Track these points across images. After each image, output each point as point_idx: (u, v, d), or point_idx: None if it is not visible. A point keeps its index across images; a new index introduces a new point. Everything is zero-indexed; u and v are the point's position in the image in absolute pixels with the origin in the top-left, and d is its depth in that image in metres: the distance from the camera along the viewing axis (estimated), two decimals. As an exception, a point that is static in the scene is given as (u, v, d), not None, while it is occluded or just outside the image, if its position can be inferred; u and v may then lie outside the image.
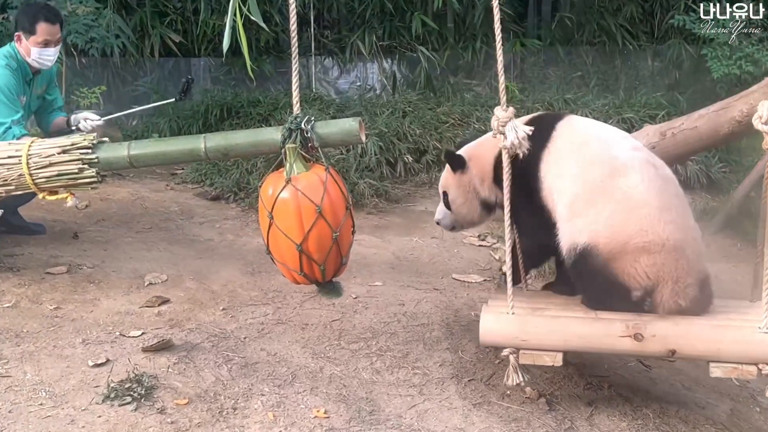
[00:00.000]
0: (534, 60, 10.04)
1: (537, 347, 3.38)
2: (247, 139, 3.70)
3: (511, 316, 3.40)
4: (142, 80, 9.50)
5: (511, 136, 3.37)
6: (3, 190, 3.97)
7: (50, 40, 4.79)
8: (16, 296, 4.18)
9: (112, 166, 3.90)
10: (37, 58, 4.81)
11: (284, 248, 3.44)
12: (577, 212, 3.50)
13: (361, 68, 10.11)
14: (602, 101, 8.77)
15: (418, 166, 7.64)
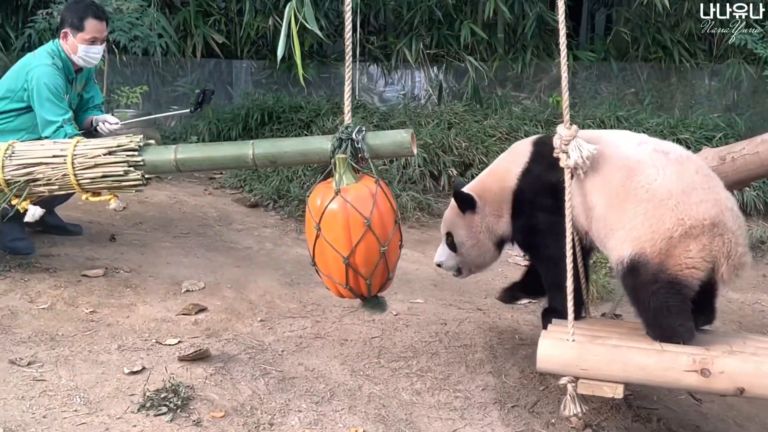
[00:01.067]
0: (586, 75, 9.98)
1: (597, 377, 3.30)
2: (296, 148, 3.72)
3: (570, 344, 3.33)
4: (182, 80, 9.59)
5: (574, 155, 3.34)
6: (46, 189, 4.03)
7: (98, 37, 4.85)
8: (52, 298, 4.23)
9: (157, 170, 3.94)
10: (84, 56, 4.86)
11: (330, 260, 3.45)
12: (612, 225, 3.51)
13: (407, 76, 10.11)
14: (656, 120, 8.69)
15: (462, 179, 7.61)
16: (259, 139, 5.13)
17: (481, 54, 9.92)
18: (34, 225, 4.88)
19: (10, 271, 4.48)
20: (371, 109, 8.79)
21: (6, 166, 4.03)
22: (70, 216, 5.44)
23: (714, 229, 3.39)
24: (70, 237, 5.18)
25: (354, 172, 3.53)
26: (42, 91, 4.68)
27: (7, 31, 8.88)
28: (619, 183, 3.49)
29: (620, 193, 3.48)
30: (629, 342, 3.41)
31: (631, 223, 3.43)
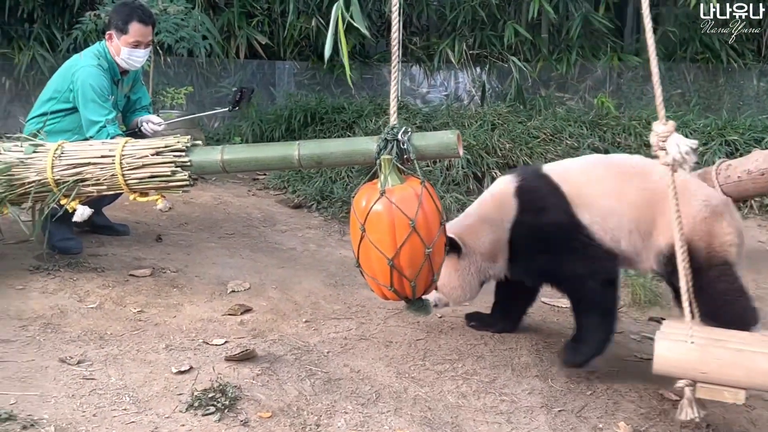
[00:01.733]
0: (631, 75, 9.89)
1: (717, 381, 3.19)
2: (342, 148, 3.74)
3: (690, 345, 3.21)
4: (225, 81, 9.67)
5: (673, 152, 3.28)
6: (95, 189, 4.09)
7: (141, 41, 4.91)
8: (101, 297, 4.29)
9: (204, 170, 3.98)
10: (126, 59, 4.92)
11: (375, 262, 3.46)
12: (649, 230, 3.67)
13: (450, 77, 10.10)
14: (704, 121, 8.59)
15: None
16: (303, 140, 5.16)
17: (525, 54, 9.88)
18: (82, 225, 4.97)
19: (59, 270, 4.55)
20: (414, 111, 8.79)
21: (55, 165, 4.10)
22: (117, 216, 5.52)
23: (729, 206, 3.73)
24: (117, 237, 5.26)
25: (399, 173, 3.54)
26: (87, 92, 4.75)
27: (54, 33, 9.03)
28: (640, 188, 3.69)
29: (647, 198, 3.64)
30: (752, 346, 3.26)
31: (666, 220, 3.54)
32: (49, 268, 4.57)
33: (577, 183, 3.92)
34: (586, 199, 3.85)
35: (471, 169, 7.46)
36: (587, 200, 3.85)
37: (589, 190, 3.88)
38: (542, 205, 3.90)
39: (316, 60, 9.87)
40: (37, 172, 4.12)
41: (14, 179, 4.15)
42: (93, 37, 7.79)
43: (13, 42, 9.11)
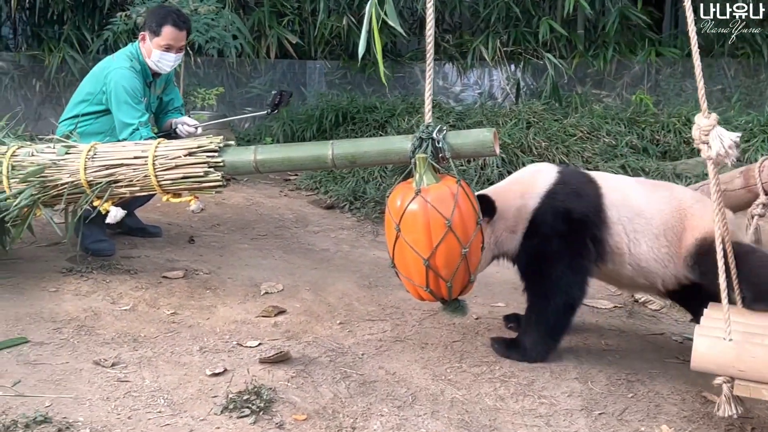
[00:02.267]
0: (670, 71, 9.82)
1: (755, 379, 3.20)
2: (376, 148, 3.75)
3: (728, 343, 3.23)
4: (256, 82, 9.72)
5: (716, 146, 3.25)
6: (127, 190, 4.13)
7: (173, 45, 4.94)
8: (134, 299, 4.33)
9: (237, 171, 4.01)
10: (157, 61, 4.96)
11: (410, 262, 3.46)
12: (677, 236, 3.82)
13: (483, 75, 10.08)
14: (745, 118, 8.51)
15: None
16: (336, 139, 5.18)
17: (561, 51, 9.86)
18: (114, 227, 5.02)
19: (92, 272, 4.60)
20: (447, 109, 8.79)
21: (88, 167, 4.14)
22: (149, 218, 5.57)
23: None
24: (150, 239, 5.31)
25: (434, 172, 3.54)
26: (119, 94, 4.79)
27: (84, 34, 9.13)
28: (667, 196, 3.82)
29: (673, 205, 3.79)
30: None
31: (695, 220, 3.72)
32: (82, 270, 4.63)
33: (612, 185, 3.96)
34: (618, 199, 3.88)
35: (506, 168, 7.43)
36: (619, 200, 3.88)
37: (621, 193, 3.91)
38: (577, 187, 3.91)
39: (347, 59, 9.90)
40: (70, 174, 4.17)
41: (47, 181, 4.20)
42: (124, 38, 7.88)
43: (43, 44, 9.23)
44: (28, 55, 9.32)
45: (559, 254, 3.85)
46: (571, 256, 3.85)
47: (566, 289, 3.87)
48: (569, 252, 3.85)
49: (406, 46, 10.34)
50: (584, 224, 3.86)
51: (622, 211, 3.87)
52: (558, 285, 3.87)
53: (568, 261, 3.85)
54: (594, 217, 3.86)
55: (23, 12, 9.62)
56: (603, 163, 7.57)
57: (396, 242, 3.48)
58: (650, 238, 3.85)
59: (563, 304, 3.90)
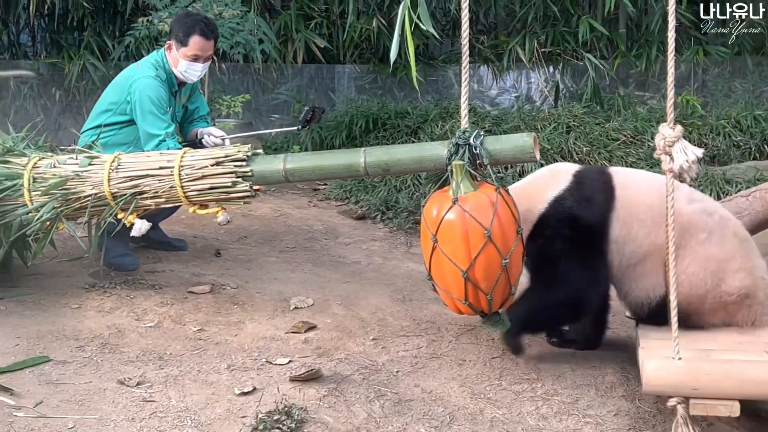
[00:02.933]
0: (718, 71, 9.72)
1: (710, 396, 3.29)
2: (410, 154, 3.76)
3: (678, 362, 3.32)
4: (282, 87, 9.77)
5: (679, 159, 3.28)
6: (153, 202, 4.17)
7: (201, 55, 4.96)
8: (159, 316, 4.36)
9: (266, 180, 4.03)
10: (183, 71, 4.98)
11: (448, 274, 3.47)
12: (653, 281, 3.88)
13: (520, 77, 10.06)
14: (799, 120, 8.42)
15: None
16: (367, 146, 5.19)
17: (602, 51, 9.79)
18: (138, 240, 5.06)
19: (115, 288, 4.64)
20: (482, 114, 8.76)
21: (112, 178, 4.18)
22: (174, 230, 5.60)
23: (745, 300, 3.79)
24: (175, 252, 5.33)
25: (472, 179, 3.54)
26: (145, 104, 4.82)
27: (105, 41, 9.22)
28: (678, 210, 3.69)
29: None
30: (740, 355, 3.44)
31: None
32: (106, 285, 4.66)
33: (632, 190, 3.97)
34: (630, 209, 3.91)
35: (546, 175, 7.39)
36: (630, 210, 3.91)
37: (638, 199, 3.93)
38: (589, 194, 3.93)
39: (377, 63, 9.91)
40: (93, 186, 4.21)
41: (70, 193, 4.24)
42: (145, 44, 7.94)
43: (63, 51, 9.31)
44: (48, 62, 9.40)
45: (567, 253, 3.90)
46: (580, 255, 3.89)
47: (574, 284, 3.90)
48: (577, 251, 3.89)
49: (439, 48, 10.33)
50: (591, 232, 3.91)
51: (621, 224, 3.91)
52: (565, 279, 3.92)
53: (576, 259, 3.89)
54: (600, 228, 3.91)
55: (42, 18, 9.72)
56: (648, 168, 7.50)
57: (433, 254, 3.48)
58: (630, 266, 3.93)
59: (566, 297, 3.93)
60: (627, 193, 3.93)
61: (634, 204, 3.90)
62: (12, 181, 4.30)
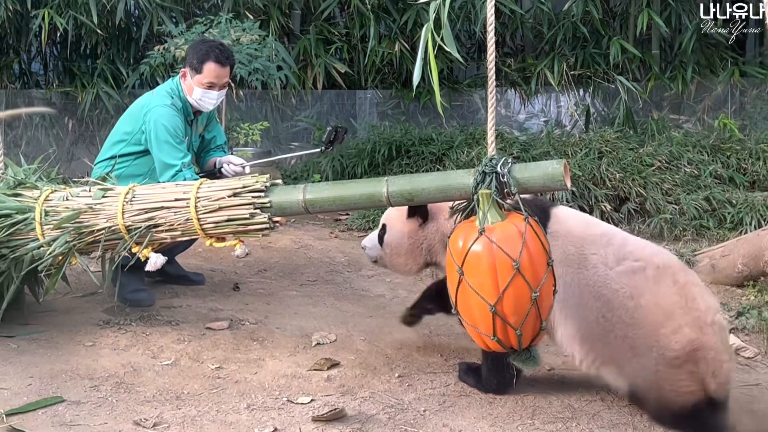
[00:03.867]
0: (756, 92, 9.69)
1: None
2: (435, 183, 3.76)
3: None
4: (302, 114, 9.82)
5: None
6: (168, 235, 4.18)
7: (216, 83, 4.98)
8: (176, 353, 4.37)
9: (285, 212, 4.04)
10: (198, 99, 5.01)
11: (475, 308, 3.45)
12: (596, 353, 3.83)
13: (549, 101, 10.07)
14: None
15: (617, 215, 7.48)
16: (390, 175, 5.20)
17: (634, 73, 9.80)
18: (153, 275, 5.09)
19: (131, 324, 4.66)
20: (510, 139, 8.77)
21: (126, 211, 4.20)
22: (191, 264, 5.63)
23: (697, 354, 3.63)
24: (191, 287, 5.36)
25: (500, 208, 3.53)
26: (160, 134, 4.86)
27: (119, 68, 9.30)
28: (598, 314, 3.76)
29: (600, 324, 3.74)
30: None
31: (619, 357, 3.71)
32: (120, 322, 4.69)
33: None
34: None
35: (577, 203, 7.39)
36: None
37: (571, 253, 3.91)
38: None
39: (399, 87, 9.96)
40: (107, 219, 4.24)
41: (83, 227, 4.27)
42: (161, 71, 8.02)
43: (75, 79, 9.40)
44: (60, 91, 9.49)
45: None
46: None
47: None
48: None
49: (463, 72, 10.37)
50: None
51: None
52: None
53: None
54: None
55: (54, 46, 9.84)
56: (685, 195, 7.49)
57: (459, 287, 3.47)
58: (571, 336, 3.88)
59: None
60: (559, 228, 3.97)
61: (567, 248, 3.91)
62: (23, 214, 4.34)
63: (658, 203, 7.45)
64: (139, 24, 9.31)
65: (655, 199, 7.45)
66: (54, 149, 8.51)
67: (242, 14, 8.98)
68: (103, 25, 8.99)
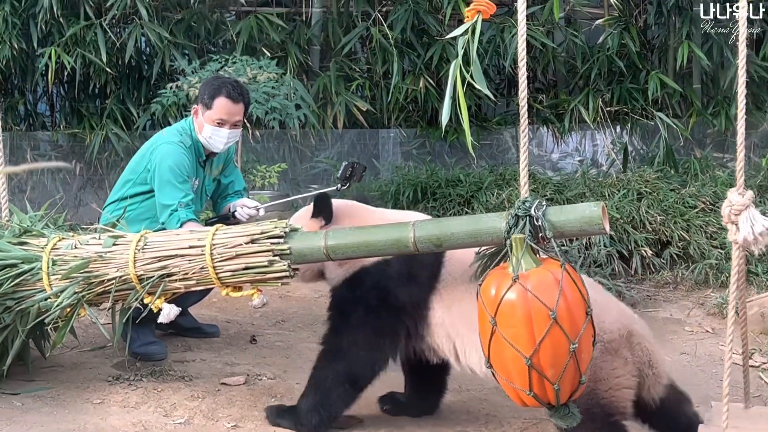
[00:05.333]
0: (808, 126, 9.68)
1: None
2: (465, 228, 3.77)
3: None
4: (322, 155, 9.84)
5: (744, 229, 3.25)
6: (182, 285, 4.19)
7: (226, 120, 5.00)
8: (189, 411, 4.37)
9: (306, 259, 4.04)
10: (208, 137, 5.03)
11: (509, 361, 3.44)
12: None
13: (584, 139, 10.06)
14: None
15: (659, 261, 7.45)
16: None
17: (674, 109, 9.78)
18: (165, 327, 5.10)
19: (141, 380, 4.67)
20: (543, 180, 8.75)
21: (138, 259, 4.22)
22: (205, 315, 5.64)
23: (631, 338, 3.77)
24: (206, 339, 5.37)
25: (534, 254, 3.53)
26: (163, 173, 4.89)
27: (129, 108, 9.35)
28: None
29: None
30: None
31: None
32: (131, 378, 4.70)
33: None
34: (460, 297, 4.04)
35: (615, 248, 7.36)
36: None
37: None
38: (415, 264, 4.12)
39: (425, 126, 9.98)
40: (117, 268, 4.25)
41: (92, 276, 4.29)
42: (173, 112, 8.06)
43: (83, 121, 9.42)
44: (67, 133, 9.50)
45: (362, 321, 4.12)
46: (374, 329, 4.11)
47: (354, 360, 4.12)
48: (373, 324, 4.11)
49: (493, 109, 10.39)
50: (400, 307, 4.10)
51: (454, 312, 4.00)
52: (347, 352, 4.13)
53: (367, 332, 4.12)
54: (412, 307, 4.09)
55: (61, 86, 9.89)
56: (733, 239, 7.44)
57: (491, 338, 3.46)
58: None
59: (345, 373, 4.12)
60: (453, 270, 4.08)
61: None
62: (30, 264, 4.36)
63: (703, 248, 7.40)
64: (150, 62, 9.36)
65: (699, 243, 7.41)
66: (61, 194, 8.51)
67: (258, 50, 9.04)
68: (112, 63, 9.05)
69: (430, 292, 4.08)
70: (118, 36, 9.11)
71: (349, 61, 9.89)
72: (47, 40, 8.96)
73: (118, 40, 8.93)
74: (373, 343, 4.13)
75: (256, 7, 9.71)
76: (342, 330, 4.18)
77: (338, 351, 4.16)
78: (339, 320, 4.23)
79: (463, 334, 3.97)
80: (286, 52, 9.39)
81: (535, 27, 9.45)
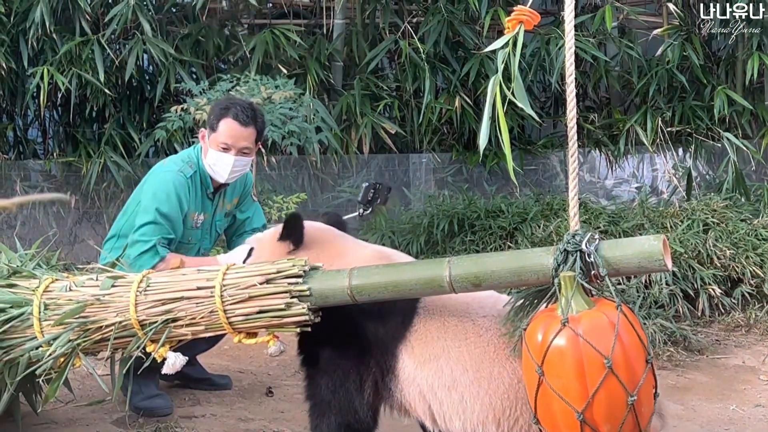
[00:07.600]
0: None
1: None
2: (507, 265, 3.75)
3: None
4: (345, 183, 9.82)
5: None
6: (189, 331, 4.18)
7: (231, 145, 4.96)
8: (198, 473, 4.38)
9: (328, 301, 4.03)
10: (212, 164, 5.02)
11: (559, 415, 3.43)
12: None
13: (641, 163, 10.04)
14: None
15: (729, 301, 7.41)
16: (452, 255, 5.17)
17: (744, 129, 9.74)
18: (170, 378, 5.10)
19: (144, 438, 4.68)
20: (595, 210, 8.71)
21: (140, 302, 4.21)
22: (215, 365, 5.65)
23: None
24: (216, 392, 5.37)
25: (586, 294, 3.52)
26: (147, 204, 4.89)
27: (130, 134, 9.37)
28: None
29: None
30: None
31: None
32: (133, 436, 4.71)
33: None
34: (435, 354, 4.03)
35: (679, 286, 7.32)
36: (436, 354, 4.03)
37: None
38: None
39: (461, 150, 9.96)
40: (117, 312, 4.25)
41: (89, 322, 4.29)
42: (179, 137, 8.09)
43: (79, 148, 9.43)
44: (61, 162, 9.49)
45: (331, 361, 4.16)
46: (342, 371, 4.12)
47: (342, 409, 4.12)
48: (341, 364, 4.13)
49: (537, 130, 10.39)
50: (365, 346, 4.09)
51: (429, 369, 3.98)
52: (330, 401, 4.14)
53: (339, 374, 4.13)
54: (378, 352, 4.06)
55: (54, 109, 9.92)
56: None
57: (538, 389, 3.45)
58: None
59: (339, 426, 4.14)
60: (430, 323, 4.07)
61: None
62: (19, 309, 4.37)
63: (779, 286, 7.37)
64: (154, 81, 9.43)
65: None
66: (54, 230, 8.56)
67: (274, 68, 9.06)
68: (111, 83, 9.10)
69: (398, 340, 4.04)
70: (118, 53, 9.15)
71: (375, 78, 9.91)
72: (39, 58, 9.04)
73: (117, 58, 8.99)
74: (347, 388, 4.13)
75: (271, 20, 9.76)
76: (315, 377, 4.20)
77: (322, 403, 4.17)
78: (310, 366, 4.28)
79: (442, 397, 3.94)
80: (305, 69, 9.39)
81: (584, 38, 9.45)
